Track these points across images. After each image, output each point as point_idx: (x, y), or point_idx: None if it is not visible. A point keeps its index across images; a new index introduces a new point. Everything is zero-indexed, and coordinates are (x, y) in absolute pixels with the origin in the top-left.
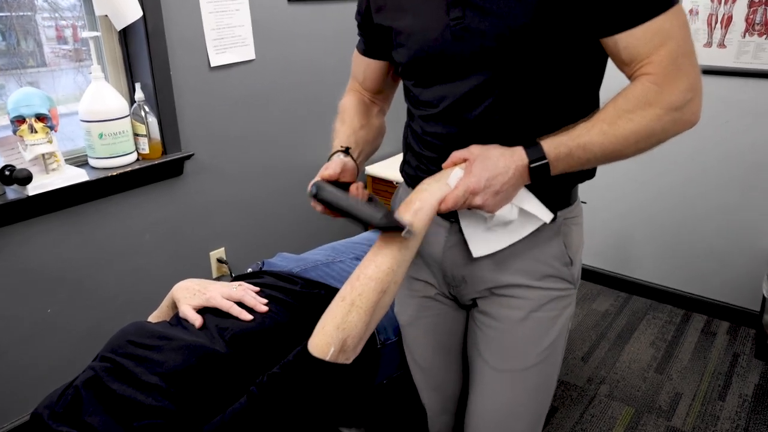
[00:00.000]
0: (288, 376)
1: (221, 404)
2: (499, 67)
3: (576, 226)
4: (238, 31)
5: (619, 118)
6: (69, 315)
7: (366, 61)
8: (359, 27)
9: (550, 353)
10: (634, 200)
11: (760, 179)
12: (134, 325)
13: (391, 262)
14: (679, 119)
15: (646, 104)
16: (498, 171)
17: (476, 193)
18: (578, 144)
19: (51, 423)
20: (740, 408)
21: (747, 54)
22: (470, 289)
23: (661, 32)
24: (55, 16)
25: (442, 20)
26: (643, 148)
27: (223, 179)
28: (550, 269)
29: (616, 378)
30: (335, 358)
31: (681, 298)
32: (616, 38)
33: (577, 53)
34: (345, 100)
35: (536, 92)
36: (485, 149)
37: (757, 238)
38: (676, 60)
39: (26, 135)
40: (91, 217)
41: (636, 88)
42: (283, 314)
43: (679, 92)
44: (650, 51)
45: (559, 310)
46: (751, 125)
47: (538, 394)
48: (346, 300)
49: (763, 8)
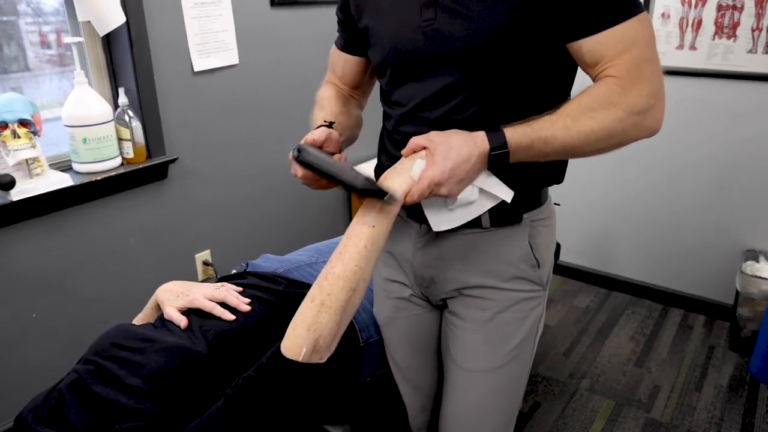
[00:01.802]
0: (263, 378)
1: (204, 405)
2: (468, 69)
3: (545, 228)
4: (222, 36)
5: (582, 115)
6: (54, 320)
7: (344, 56)
8: (339, 23)
9: (517, 354)
10: (614, 199)
11: (734, 179)
12: (118, 328)
13: (358, 260)
14: (640, 123)
15: (610, 104)
16: (461, 159)
17: (441, 184)
18: (540, 137)
19: (35, 426)
20: (715, 398)
21: (717, 56)
22: (439, 289)
23: (625, 38)
24: (38, 20)
25: (415, 21)
26: (602, 148)
27: (208, 182)
28: (517, 271)
29: (597, 372)
30: (308, 358)
31: (659, 294)
32: (580, 42)
33: (544, 57)
34: (322, 91)
35: (504, 94)
36: (446, 136)
37: (731, 235)
38: (639, 65)
39: (9, 140)
40: (75, 221)
41: (600, 87)
42: (266, 313)
43: (641, 96)
44: (614, 55)
45: (526, 312)
46: (725, 126)
47: (507, 395)
48: (315, 300)
49: (730, 12)
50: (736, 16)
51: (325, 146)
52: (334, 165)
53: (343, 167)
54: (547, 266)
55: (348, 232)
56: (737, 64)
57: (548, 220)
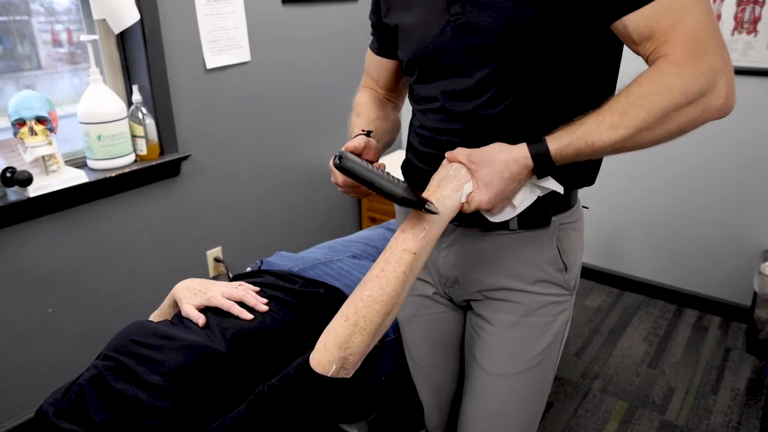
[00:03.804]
0: (288, 388)
1: (223, 404)
2: (499, 62)
3: (574, 231)
4: (234, 34)
5: (630, 107)
6: (69, 315)
7: (379, 60)
8: (372, 27)
9: (543, 359)
10: (627, 197)
11: (751, 176)
12: (136, 325)
13: (396, 285)
14: (703, 104)
15: (664, 88)
16: (505, 184)
17: (489, 210)
18: (586, 143)
19: (56, 420)
20: (732, 402)
21: (736, 52)
22: (463, 290)
23: (675, 8)
24: (50, 20)
25: (443, 17)
26: (661, 137)
27: (220, 179)
28: (543, 274)
29: (610, 373)
30: (336, 374)
31: (673, 294)
32: (624, 20)
33: (582, 45)
34: (359, 96)
35: (539, 87)
36: (489, 159)
37: (748, 234)
38: (697, 36)
39: (27, 137)
40: (90, 217)
41: (652, 72)
42: (283, 313)
43: (700, 73)
44: (665, 29)
45: (552, 316)
46: (743, 122)
47: (530, 400)
48: (349, 320)
49: (751, 7)
50: (757, 10)
51: (365, 154)
52: (374, 173)
53: (382, 175)
54: (574, 270)
55: (387, 256)
56: (758, 60)
57: (577, 224)
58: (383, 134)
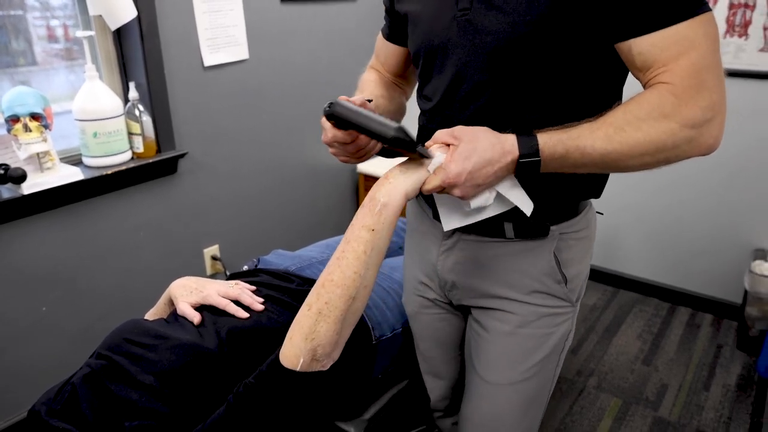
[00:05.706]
0: (262, 386)
1: (214, 406)
2: (497, 67)
3: (578, 241)
4: (232, 31)
5: (628, 125)
6: (64, 313)
7: (388, 44)
8: (386, 11)
9: (539, 370)
10: (623, 197)
11: (742, 177)
12: (131, 323)
13: (357, 266)
14: (694, 139)
15: (661, 115)
16: (482, 163)
17: (455, 185)
18: (577, 146)
19: (48, 419)
20: (723, 398)
21: (728, 54)
22: (461, 295)
23: (683, 40)
24: (46, 15)
25: (451, 10)
26: (648, 163)
27: (217, 177)
28: (540, 285)
29: (605, 370)
30: (307, 367)
31: (667, 292)
32: (630, 43)
33: (585, 59)
34: (365, 75)
35: (537, 98)
36: (472, 134)
37: (739, 234)
38: (699, 73)
39: (21, 134)
40: (85, 215)
41: (652, 95)
42: (279, 312)
43: (699, 109)
44: (668, 59)
45: (550, 328)
46: (734, 124)
47: (525, 410)
48: (312, 309)
49: (742, 10)
50: (748, 14)
51: None
52: (364, 113)
53: (373, 115)
54: (577, 281)
55: (347, 236)
56: (749, 63)
57: (583, 232)
58: (385, 112)
